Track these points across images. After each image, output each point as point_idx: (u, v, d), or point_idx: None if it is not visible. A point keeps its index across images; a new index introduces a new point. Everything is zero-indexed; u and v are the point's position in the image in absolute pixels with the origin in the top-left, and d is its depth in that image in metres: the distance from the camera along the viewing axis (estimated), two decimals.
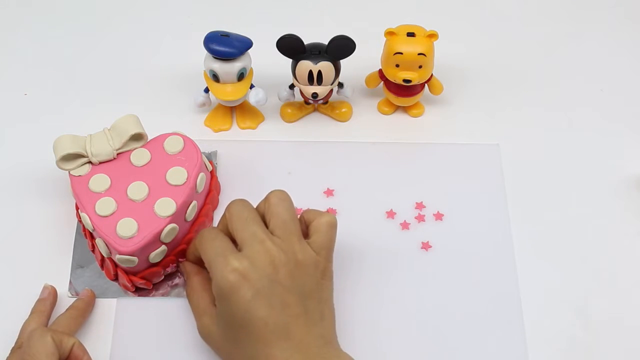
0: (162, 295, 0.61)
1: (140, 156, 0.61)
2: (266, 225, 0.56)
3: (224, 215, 0.57)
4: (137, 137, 0.61)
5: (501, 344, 0.59)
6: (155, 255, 0.59)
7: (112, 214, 0.58)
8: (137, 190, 0.59)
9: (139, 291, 0.61)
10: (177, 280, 0.62)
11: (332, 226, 0.57)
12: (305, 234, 0.57)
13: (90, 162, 0.61)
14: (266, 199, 0.57)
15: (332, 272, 0.57)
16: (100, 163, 0.61)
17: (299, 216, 0.58)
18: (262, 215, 0.56)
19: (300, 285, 0.53)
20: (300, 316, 0.52)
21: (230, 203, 0.57)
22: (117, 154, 0.61)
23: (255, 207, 0.57)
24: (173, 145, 0.62)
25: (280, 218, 0.55)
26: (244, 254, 0.53)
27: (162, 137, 0.62)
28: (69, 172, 0.60)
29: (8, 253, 0.63)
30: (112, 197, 0.59)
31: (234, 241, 0.56)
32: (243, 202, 0.57)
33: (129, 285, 0.60)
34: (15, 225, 0.65)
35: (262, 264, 0.53)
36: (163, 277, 0.62)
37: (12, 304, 0.60)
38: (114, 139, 0.61)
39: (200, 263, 0.59)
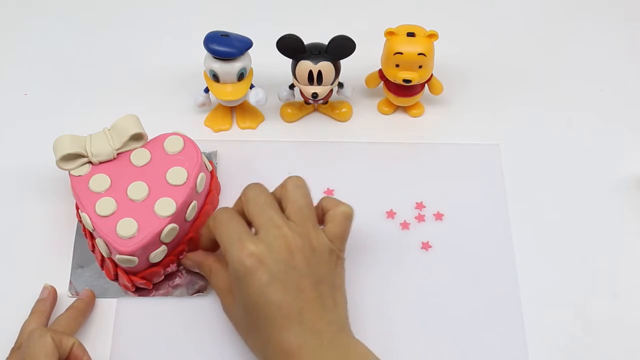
0: (162, 295, 0.61)
1: (140, 156, 0.61)
2: (282, 210, 0.56)
3: (239, 198, 0.58)
4: (137, 137, 0.61)
5: (501, 344, 0.59)
6: (156, 255, 0.59)
7: (112, 214, 0.58)
8: (137, 190, 0.59)
9: (139, 291, 0.61)
10: (177, 281, 0.62)
11: (348, 217, 0.57)
12: (321, 221, 0.57)
13: (90, 162, 0.61)
14: (283, 184, 0.57)
15: (344, 260, 0.57)
16: (100, 163, 0.61)
17: (316, 203, 0.58)
18: (278, 201, 0.57)
19: (314, 271, 0.54)
20: (314, 301, 0.53)
21: (247, 187, 0.57)
22: (117, 154, 0.61)
23: (272, 191, 0.57)
24: (173, 145, 0.62)
25: (297, 204, 0.56)
26: (260, 237, 0.54)
27: (162, 137, 0.62)
28: (69, 172, 0.60)
29: (8, 253, 0.63)
30: (112, 197, 0.59)
31: (248, 224, 0.56)
32: (259, 187, 0.57)
33: (129, 285, 0.60)
34: (15, 225, 0.65)
35: (278, 249, 0.53)
36: (163, 277, 0.62)
37: (12, 304, 0.60)
38: (114, 139, 0.61)
39: (213, 246, 0.59)
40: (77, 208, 0.62)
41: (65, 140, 0.60)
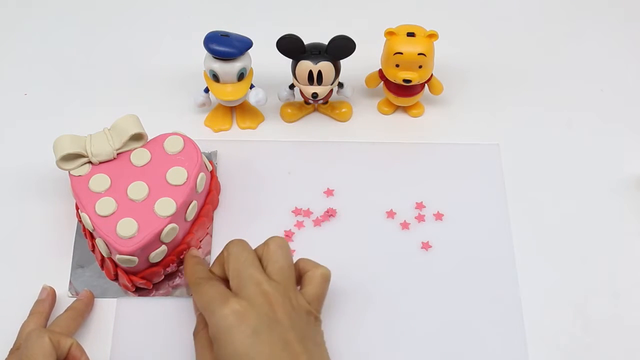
0: (163, 295, 0.61)
1: (140, 156, 0.61)
2: (263, 269, 0.55)
3: (221, 254, 0.57)
4: (137, 137, 0.61)
5: (501, 344, 0.59)
6: (156, 255, 0.59)
7: (112, 214, 0.58)
8: (137, 190, 0.59)
9: (139, 291, 0.61)
10: (177, 280, 0.62)
11: (326, 279, 0.56)
12: (298, 282, 0.57)
13: (90, 162, 0.61)
14: (265, 244, 0.57)
15: (321, 322, 0.56)
16: (100, 163, 0.61)
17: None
18: (260, 258, 0.56)
19: (297, 327, 0.53)
20: (302, 355, 0.51)
21: (229, 243, 0.57)
22: (117, 154, 0.61)
23: (254, 249, 0.57)
24: (173, 145, 0.62)
25: (278, 264, 0.55)
26: (241, 295, 0.53)
27: (162, 137, 0.62)
28: (69, 172, 0.60)
29: (8, 253, 0.63)
30: (112, 197, 0.59)
31: (227, 285, 0.55)
32: (242, 244, 0.57)
33: (129, 285, 0.60)
34: (15, 225, 0.65)
35: (260, 304, 0.52)
36: (163, 277, 0.62)
37: (12, 304, 0.60)
38: (114, 138, 0.61)
39: None
40: (77, 208, 0.62)
41: (65, 140, 0.60)
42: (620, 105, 0.73)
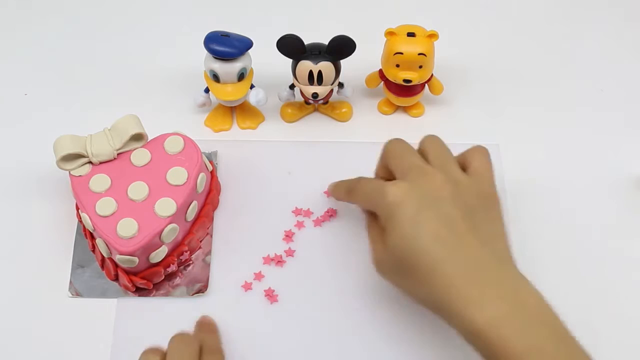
0: (163, 295, 0.61)
1: (140, 156, 0.61)
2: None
3: (381, 155, 0.58)
4: (138, 137, 0.61)
5: None
6: (156, 255, 0.59)
7: (112, 214, 0.58)
8: (138, 190, 0.59)
9: (139, 291, 0.61)
10: (177, 281, 0.62)
11: (484, 151, 0.57)
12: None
13: (90, 162, 0.61)
14: (420, 142, 0.58)
15: (498, 198, 0.56)
16: (101, 163, 0.61)
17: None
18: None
19: (464, 203, 0.53)
20: (469, 232, 0.51)
21: (387, 142, 0.58)
22: (118, 154, 0.61)
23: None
24: (173, 145, 0.62)
25: (437, 150, 0.56)
26: (403, 180, 0.54)
27: (162, 137, 0.62)
28: (69, 172, 0.60)
29: (8, 253, 0.63)
30: (113, 197, 0.59)
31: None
32: (399, 140, 0.58)
33: (129, 285, 0.60)
34: (15, 225, 0.65)
35: (423, 184, 0.53)
36: (163, 277, 0.62)
37: (12, 304, 0.60)
38: (114, 139, 0.61)
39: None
40: (77, 208, 0.62)
41: (65, 140, 0.60)
42: (620, 105, 0.73)
